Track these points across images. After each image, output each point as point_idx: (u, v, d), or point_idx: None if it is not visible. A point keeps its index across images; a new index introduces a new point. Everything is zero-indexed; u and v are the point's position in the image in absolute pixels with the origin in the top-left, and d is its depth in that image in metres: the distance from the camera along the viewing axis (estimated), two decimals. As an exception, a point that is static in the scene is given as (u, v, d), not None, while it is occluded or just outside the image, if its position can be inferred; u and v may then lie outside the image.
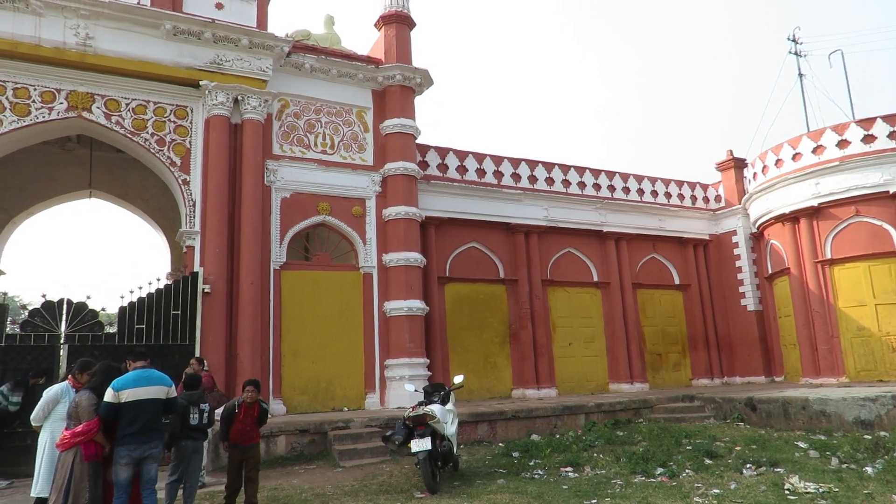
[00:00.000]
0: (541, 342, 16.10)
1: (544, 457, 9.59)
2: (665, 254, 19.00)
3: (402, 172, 14.05)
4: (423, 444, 7.58)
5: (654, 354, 18.13)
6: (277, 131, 13.37)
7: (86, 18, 11.42)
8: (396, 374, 13.06)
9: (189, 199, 12.05)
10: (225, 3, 12.87)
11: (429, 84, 14.96)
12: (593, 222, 17.64)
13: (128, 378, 5.58)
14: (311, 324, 12.94)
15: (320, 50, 13.93)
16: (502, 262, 16.38)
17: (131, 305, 10.88)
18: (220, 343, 11.40)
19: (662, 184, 19.48)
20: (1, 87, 11.05)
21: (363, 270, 13.72)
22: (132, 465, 5.38)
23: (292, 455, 10.20)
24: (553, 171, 17.61)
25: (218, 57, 12.42)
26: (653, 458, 8.94)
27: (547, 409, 12.55)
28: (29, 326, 10.19)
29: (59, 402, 6.03)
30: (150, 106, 12.09)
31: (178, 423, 6.30)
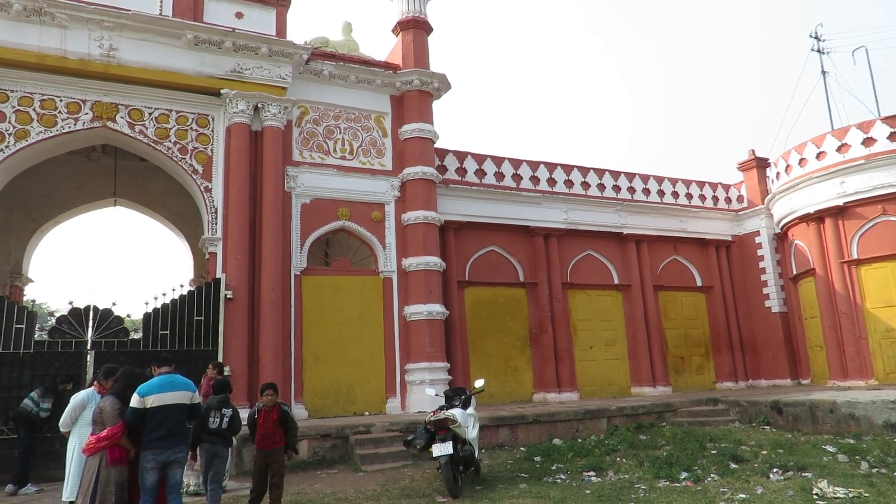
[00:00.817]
0: (561, 345, 16.02)
1: (566, 461, 9.53)
2: (687, 255, 18.80)
3: (420, 177, 14.09)
4: (444, 448, 7.56)
5: (677, 357, 17.93)
6: (297, 138, 13.49)
7: (109, 30, 11.64)
8: (417, 378, 13.08)
9: (211, 207, 12.20)
10: (245, 12, 13.04)
11: (446, 88, 15.01)
12: (613, 224, 17.52)
13: (153, 383, 5.65)
14: (332, 328, 13.01)
15: (338, 56, 14.04)
16: (522, 266, 16.33)
17: (155, 311, 11.04)
18: (242, 348, 11.51)
19: (683, 185, 19.30)
20: (28, 98, 11.30)
21: (383, 275, 13.77)
22: (158, 470, 5.45)
23: (314, 459, 10.26)
24: (572, 173, 17.54)
25: (238, 65, 12.58)
26: (677, 463, 8.84)
27: (568, 412, 12.47)
28: (57, 333, 10.38)
29: (86, 407, 6.09)
30: (172, 115, 12.28)
31: (198, 427, 6.37)
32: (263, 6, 13.27)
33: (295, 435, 6.94)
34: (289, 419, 6.89)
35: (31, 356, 10.06)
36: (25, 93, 11.29)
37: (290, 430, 6.88)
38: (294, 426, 6.92)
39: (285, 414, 6.88)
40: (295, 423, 6.95)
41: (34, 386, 9.47)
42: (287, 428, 6.87)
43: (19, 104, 11.21)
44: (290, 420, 6.89)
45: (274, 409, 6.86)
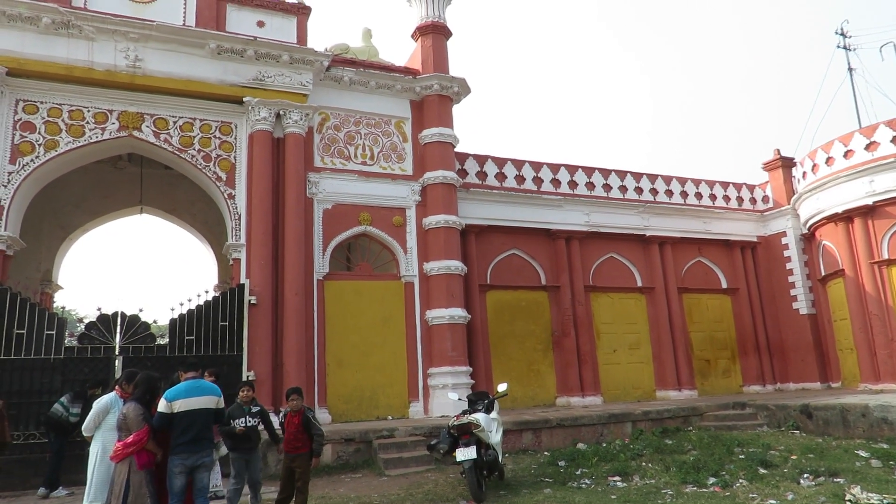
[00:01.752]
0: (584, 349, 15.89)
1: (591, 466, 9.44)
2: (711, 257, 18.56)
3: (441, 181, 14.12)
4: (468, 452, 7.54)
5: (703, 360, 17.68)
6: (318, 144, 13.60)
7: (135, 41, 11.85)
8: (439, 382, 13.07)
9: (234, 213, 12.34)
10: (266, 21, 13.20)
11: (466, 92, 15.02)
12: (636, 226, 17.36)
13: (179, 389, 5.73)
14: (355, 333, 13.07)
15: (359, 63, 14.14)
16: (543, 269, 16.25)
17: (181, 317, 11.18)
18: (266, 353, 11.61)
19: (707, 185, 19.06)
20: (57, 109, 11.55)
21: (404, 279, 13.80)
22: (185, 474, 5.52)
23: (338, 464, 10.30)
24: (593, 175, 17.43)
25: (260, 73, 12.73)
26: (704, 468, 8.71)
27: (592, 417, 12.36)
28: (86, 339, 10.58)
29: (110, 412, 6.11)
30: (196, 123, 12.46)
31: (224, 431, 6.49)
32: (284, 14, 13.42)
33: (319, 441, 6.93)
34: (311, 425, 6.87)
35: (61, 362, 10.25)
36: (54, 104, 11.55)
37: (313, 436, 6.89)
38: (318, 432, 6.90)
39: (307, 420, 6.88)
40: (319, 428, 6.92)
41: (64, 391, 9.65)
42: (310, 433, 6.89)
43: (48, 115, 11.47)
44: (312, 426, 6.86)
45: (298, 414, 6.90)
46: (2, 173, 10.96)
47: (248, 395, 7.27)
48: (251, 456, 7.16)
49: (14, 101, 11.30)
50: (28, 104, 11.38)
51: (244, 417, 7.02)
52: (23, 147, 11.18)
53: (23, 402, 9.90)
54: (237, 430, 6.87)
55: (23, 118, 11.31)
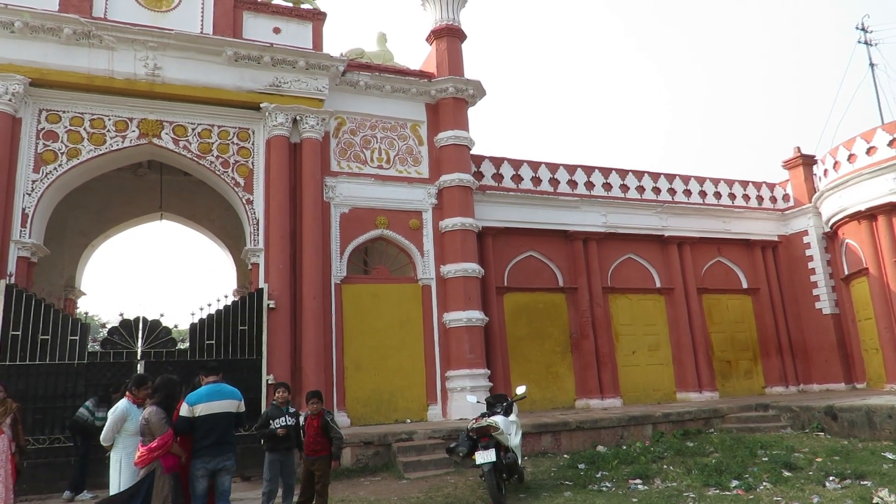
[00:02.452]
0: (603, 351, 15.79)
1: (611, 469, 9.37)
2: (731, 257, 18.35)
3: (457, 184, 14.12)
4: (487, 455, 7.53)
5: (724, 362, 17.47)
6: (335, 148, 13.68)
7: (154, 50, 12.02)
8: (457, 385, 13.05)
9: (253, 218, 12.45)
10: (282, 27, 13.31)
11: (481, 95, 15.02)
12: (654, 227, 17.22)
13: (201, 393, 5.79)
14: (372, 336, 13.10)
15: (374, 67, 14.20)
16: (561, 271, 16.18)
17: (201, 322, 11.28)
18: (285, 357, 11.68)
19: (726, 185, 18.86)
20: (79, 118, 11.74)
21: (422, 282, 13.82)
22: (207, 477, 5.58)
23: (358, 467, 10.33)
24: (610, 176, 17.33)
25: (277, 79, 12.84)
26: (727, 470, 8.61)
27: (612, 419, 12.28)
28: (109, 344, 10.72)
29: (127, 419, 6.07)
30: (214, 130, 12.59)
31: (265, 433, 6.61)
32: (300, 20, 13.52)
33: (338, 445, 6.96)
34: (330, 428, 6.89)
35: (84, 366, 10.40)
36: (76, 113, 11.74)
37: (332, 440, 6.92)
38: (337, 435, 6.93)
39: (326, 423, 6.92)
40: (338, 432, 6.95)
41: (88, 395, 9.80)
42: (329, 437, 6.91)
43: (70, 124, 11.66)
44: (331, 429, 6.90)
45: (317, 417, 6.94)
46: (26, 182, 11.16)
47: (285, 396, 7.35)
48: (287, 457, 7.18)
49: (37, 111, 11.51)
50: (51, 113, 11.59)
51: (283, 417, 7.08)
52: (46, 156, 11.38)
53: (48, 406, 10.06)
54: (278, 431, 6.92)
55: (46, 127, 11.51)
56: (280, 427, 6.93)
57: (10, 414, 8.07)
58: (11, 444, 8.04)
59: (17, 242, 10.84)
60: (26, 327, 10.21)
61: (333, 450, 6.86)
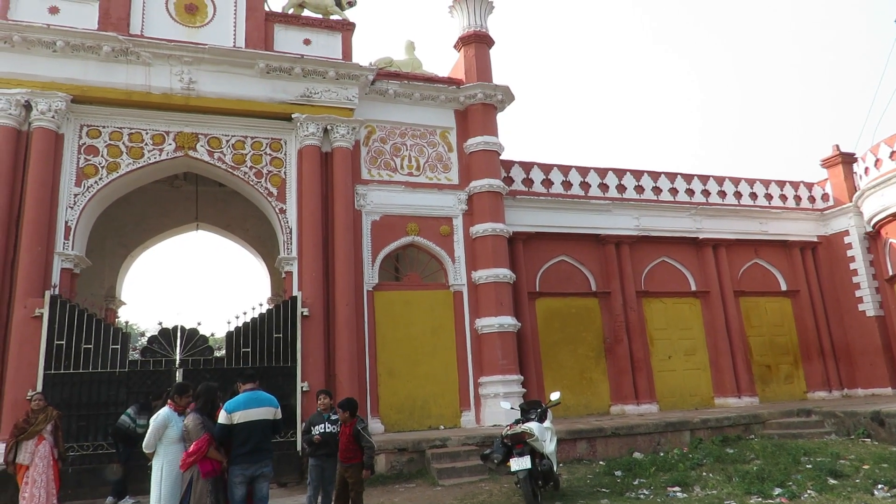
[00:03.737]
0: (638, 356, 15.57)
1: (649, 476, 9.23)
2: (769, 259, 17.94)
3: (487, 189, 14.11)
4: (522, 462, 7.49)
5: (763, 366, 17.07)
6: (365, 157, 13.80)
7: (188, 64, 12.31)
8: (490, 391, 13.01)
9: (286, 227, 12.62)
10: (312, 39, 13.51)
11: (510, 100, 15.00)
12: (688, 229, 16.95)
13: (238, 400, 5.87)
14: (405, 343, 13.15)
15: (403, 75, 14.31)
16: (593, 275, 16.03)
17: (237, 330, 11.46)
18: (319, 364, 11.79)
19: (762, 185, 18.47)
20: (118, 133, 12.08)
21: (453, 288, 13.83)
22: (245, 484, 5.66)
23: (392, 473, 10.36)
24: (642, 178, 17.12)
25: (307, 90, 13.03)
26: (769, 478, 8.41)
27: (648, 425, 12.09)
28: (148, 352, 10.96)
29: (168, 426, 6.11)
30: (247, 141, 12.82)
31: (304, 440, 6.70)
32: (330, 31, 13.70)
33: (369, 454, 6.88)
34: (360, 437, 6.84)
35: (125, 374, 10.65)
36: (115, 127, 12.07)
37: (363, 449, 6.84)
38: (368, 444, 6.85)
39: (357, 432, 6.87)
40: (369, 441, 6.86)
41: (129, 403, 10.03)
42: (360, 446, 6.86)
43: (110, 138, 12.00)
44: (362, 438, 6.84)
45: (349, 425, 6.96)
46: (68, 195, 11.51)
47: (327, 403, 7.48)
48: (328, 463, 7.26)
49: (78, 127, 11.87)
50: (91, 129, 11.94)
51: (323, 424, 7.21)
52: (87, 170, 11.73)
53: (91, 413, 10.32)
54: (314, 438, 7.06)
55: (87, 142, 11.87)
56: (317, 434, 7.05)
57: (51, 421, 8.31)
58: (53, 451, 8.27)
59: (60, 254, 11.17)
60: (70, 337, 10.50)
61: (365, 458, 6.82)
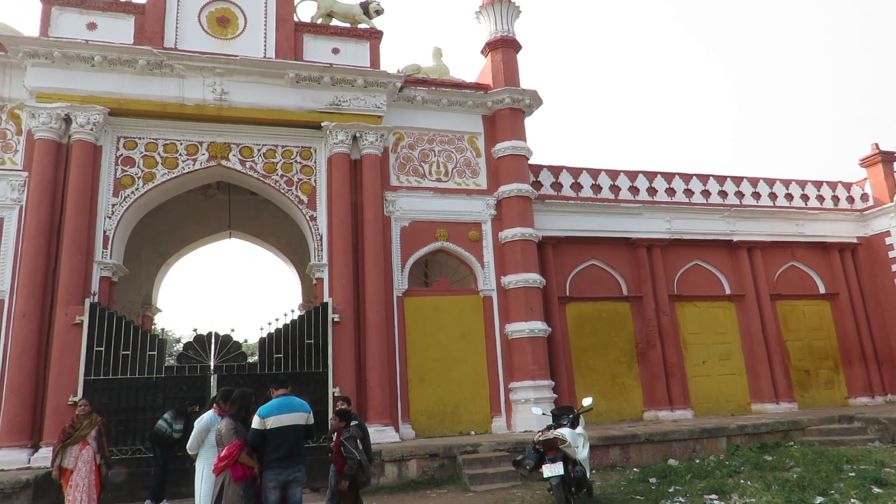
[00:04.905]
0: (671, 361, 15.32)
1: (684, 483, 9.06)
2: (806, 261, 17.51)
3: (516, 194, 14.08)
4: (555, 469, 7.42)
5: (801, 371, 16.64)
6: (394, 163, 13.89)
7: (220, 76, 12.56)
8: (521, 397, 12.93)
9: (316, 234, 12.76)
10: (340, 48, 13.67)
11: (538, 104, 14.95)
12: (722, 232, 16.65)
13: (271, 405, 5.93)
14: (435, 348, 13.16)
15: (430, 82, 14.38)
16: (625, 279, 15.84)
17: (269, 336, 11.61)
18: (350, 369, 11.87)
19: (798, 185, 18.06)
20: (153, 144, 12.38)
21: (483, 294, 13.80)
22: (279, 489, 5.71)
23: (423, 479, 10.36)
24: (673, 181, 16.88)
25: (336, 98, 13.18)
26: (810, 486, 8.18)
27: (683, 431, 11.88)
28: (184, 358, 11.17)
29: (210, 430, 6.35)
30: (278, 150, 13.02)
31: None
32: (358, 40, 13.85)
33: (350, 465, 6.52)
34: (343, 446, 6.60)
35: (162, 380, 10.87)
36: (151, 139, 12.38)
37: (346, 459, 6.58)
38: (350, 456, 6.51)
39: (341, 441, 6.66)
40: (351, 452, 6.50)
41: (166, 408, 10.21)
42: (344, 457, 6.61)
43: (146, 149, 12.30)
44: (343, 447, 6.59)
45: (338, 434, 6.85)
46: (106, 206, 11.83)
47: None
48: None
49: (115, 139, 12.19)
50: (128, 140, 12.26)
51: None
52: (124, 180, 12.04)
53: (129, 418, 10.56)
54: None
55: (123, 153, 12.18)
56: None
57: (96, 427, 8.52)
58: (96, 456, 8.47)
59: (99, 263, 11.47)
60: (109, 343, 10.77)
61: (346, 468, 6.53)
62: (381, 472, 10.31)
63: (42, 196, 11.28)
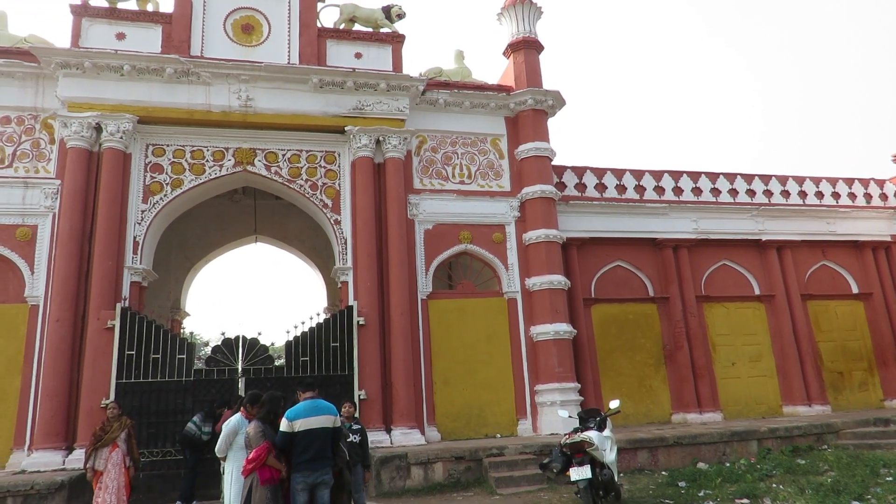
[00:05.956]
0: (699, 363, 15.09)
1: (714, 487, 8.92)
2: (838, 260, 17.13)
3: (539, 195, 14.01)
4: (582, 472, 7.36)
5: (835, 373, 16.27)
6: (417, 166, 13.93)
7: (245, 82, 12.72)
8: (547, 399, 12.85)
9: (341, 238, 12.85)
10: (363, 52, 13.76)
11: (561, 105, 14.87)
12: (750, 231, 16.37)
13: (299, 408, 5.98)
14: (460, 351, 13.15)
15: (452, 84, 14.39)
16: (651, 280, 15.66)
17: (296, 339, 11.72)
18: (375, 372, 11.92)
19: (828, 183, 17.68)
20: (181, 151, 12.58)
21: (507, 296, 13.76)
22: (307, 491, 5.74)
23: (449, 482, 10.35)
24: (700, 180, 16.65)
25: (360, 103, 13.26)
26: (845, 490, 8.00)
27: (713, 434, 11.70)
28: (212, 362, 11.33)
29: (238, 433, 6.44)
30: (302, 154, 13.14)
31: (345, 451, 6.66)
32: (380, 44, 13.92)
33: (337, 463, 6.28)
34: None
35: (191, 383, 11.04)
36: (178, 146, 12.58)
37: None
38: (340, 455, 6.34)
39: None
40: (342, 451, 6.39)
41: (195, 411, 10.36)
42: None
43: (173, 156, 12.51)
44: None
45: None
46: (136, 212, 12.05)
47: (349, 411, 7.52)
48: (353, 473, 7.22)
49: (144, 146, 12.42)
50: (156, 147, 12.48)
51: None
52: (153, 187, 12.25)
53: (160, 421, 10.74)
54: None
55: (152, 161, 12.40)
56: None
57: (125, 429, 8.67)
58: (126, 459, 8.62)
59: (129, 268, 11.69)
60: (139, 347, 10.97)
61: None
62: (407, 474, 10.33)
63: (74, 203, 11.54)
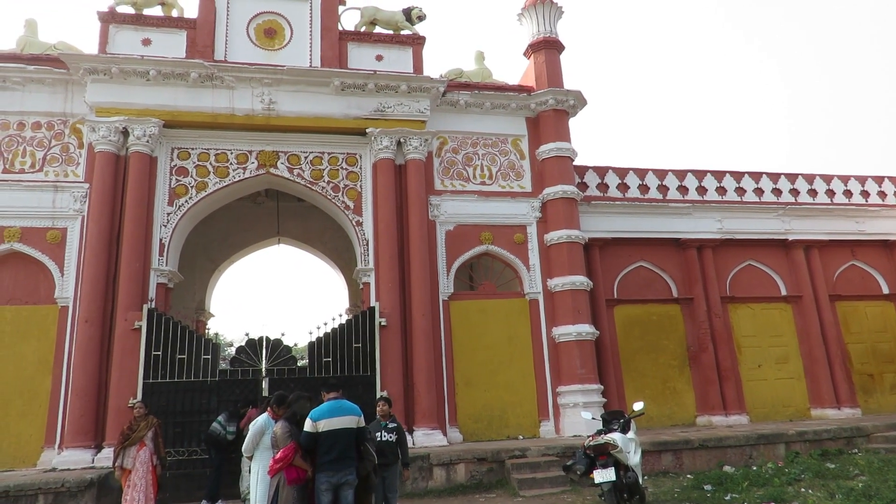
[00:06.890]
0: (725, 364, 14.88)
1: (741, 491, 8.78)
2: (867, 260, 16.77)
3: (561, 196, 13.94)
4: (606, 474, 7.30)
5: (865, 375, 15.93)
6: (438, 167, 13.95)
7: (268, 86, 12.86)
8: (570, 401, 12.78)
9: (363, 239, 12.91)
10: (384, 54, 13.82)
11: (582, 104, 14.79)
12: (776, 231, 16.11)
13: (323, 409, 6.02)
14: (481, 352, 13.13)
15: (473, 85, 14.39)
16: (674, 280, 15.48)
17: (319, 340, 11.79)
18: (397, 373, 11.95)
19: (857, 181, 17.32)
20: (205, 154, 12.75)
21: (529, 297, 13.71)
22: (331, 491, 5.78)
23: (472, 483, 10.34)
24: (724, 179, 16.42)
25: (381, 105, 13.32)
26: (877, 495, 7.82)
27: (739, 437, 11.53)
28: (236, 362, 11.45)
29: (265, 433, 6.53)
30: (324, 157, 13.23)
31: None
32: (401, 46, 13.97)
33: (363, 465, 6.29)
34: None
35: (216, 384, 11.17)
36: (203, 149, 12.75)
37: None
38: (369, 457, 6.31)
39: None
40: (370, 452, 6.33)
41: (220, 411, 10.47)
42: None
43: (198, 159, 12.69)
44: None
45: None
46: (162, 214, 12.24)
47: (384, 410, 7.49)
48: (387, 472, 7.27)
49: (170, 150, 12.61)
50: (181, 151, 12.66)
51: (380, 432, 7.25)
52: (178, 190, 12.44)
53: (185, 420, 10.88)
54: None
55: (177, 164, 12.59)
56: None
57: (152, 428, 8.81)
58: (153, 457, 8.76)
59: (156, 270, 11.87)
60: (165, 348, 11.13)
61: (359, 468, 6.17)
62: (430, 475, 10.34)
63: (102, 206, 11.75)
